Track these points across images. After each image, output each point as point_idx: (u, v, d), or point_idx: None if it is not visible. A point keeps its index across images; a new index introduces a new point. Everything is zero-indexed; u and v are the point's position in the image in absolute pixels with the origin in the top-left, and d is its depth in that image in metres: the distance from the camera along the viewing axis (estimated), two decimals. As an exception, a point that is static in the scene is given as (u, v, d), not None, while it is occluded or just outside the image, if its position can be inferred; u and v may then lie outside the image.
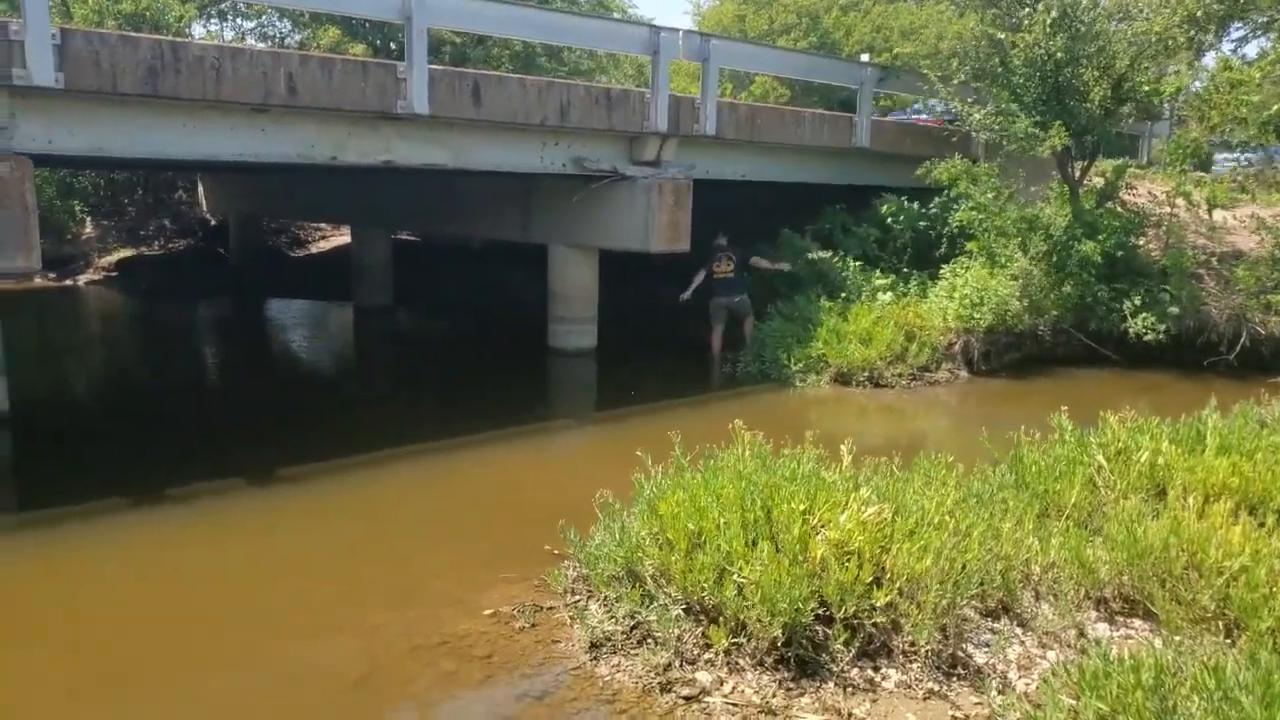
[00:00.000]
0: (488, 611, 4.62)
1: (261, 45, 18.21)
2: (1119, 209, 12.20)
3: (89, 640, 4.47)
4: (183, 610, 4.78)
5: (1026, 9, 11.27)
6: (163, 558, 5.45)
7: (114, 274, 17.97)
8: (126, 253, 18.78)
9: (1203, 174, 12.52)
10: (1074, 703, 3.37)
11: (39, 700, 3.97)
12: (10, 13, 12.93)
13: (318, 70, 7.53)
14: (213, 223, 19.57)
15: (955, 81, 12.17)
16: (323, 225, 20.45)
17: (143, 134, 7.25)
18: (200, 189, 19.02)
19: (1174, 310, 10.97)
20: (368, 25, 17.41)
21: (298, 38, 19.04)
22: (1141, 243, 12.19)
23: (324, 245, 20.22)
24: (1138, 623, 4.41)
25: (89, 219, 19.51)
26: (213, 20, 19.70)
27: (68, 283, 17.50)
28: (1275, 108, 11.54)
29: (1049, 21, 10.92)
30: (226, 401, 9.85)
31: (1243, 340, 11.00)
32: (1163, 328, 10.81)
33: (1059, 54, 11.04)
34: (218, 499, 6.30)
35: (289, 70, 7.35)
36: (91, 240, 19.16)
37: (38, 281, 16.75)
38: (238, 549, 5.62)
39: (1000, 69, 11.63)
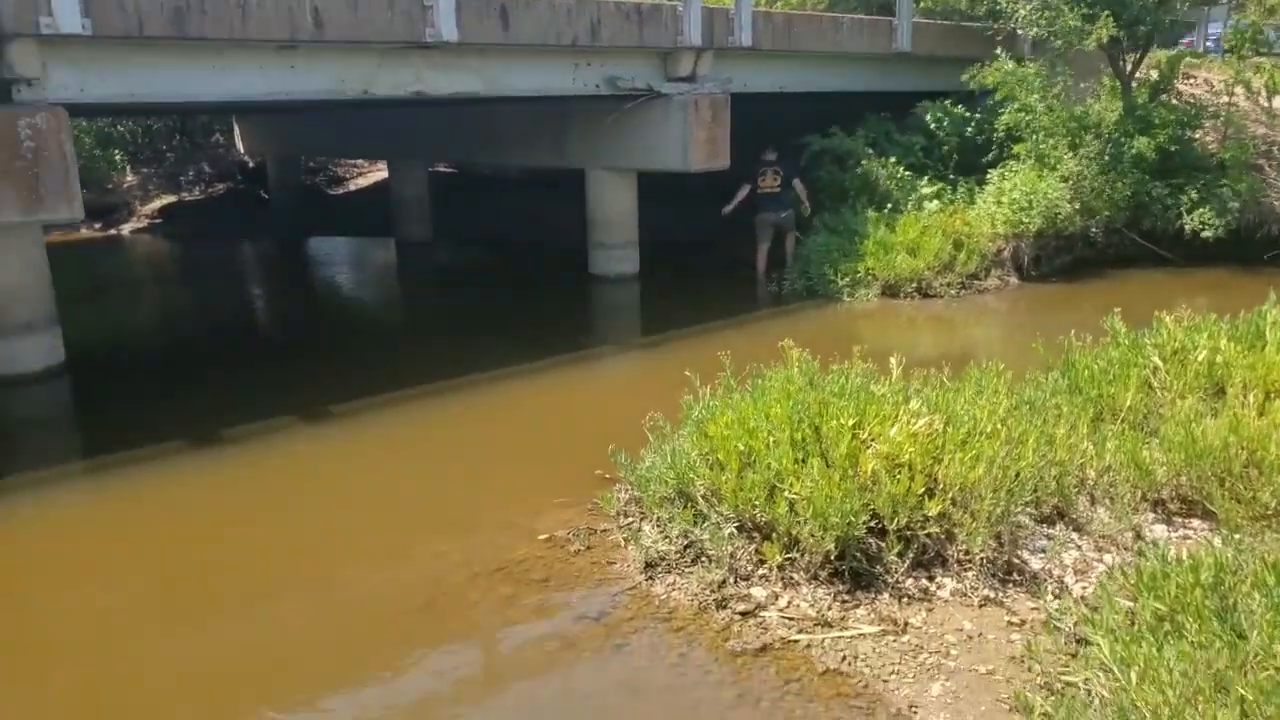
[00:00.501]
0: (543, 536, 4.71)
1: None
2: (1174, 102, 11.72)
3: (169, 573, 4.66)
4: (251, 543, 4.96)
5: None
6: (226, 496, 5.63)
7: (157, 221, 18.22)
8: (168, 199, 19.00)
9: (1262, 59, 11.91)
10: (1131, 604, 3.37)
11: (135, 626, 4.19)
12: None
13: (344, 2, 7.43)
14: (251, 165, 19.66)
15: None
16: (360, 162, 20.43)
17: (173, 78, 7.26)
18: (236, 131, 19.06)
19: (1233, 204, 10.60)
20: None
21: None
22: (1198, 136, 11.73)
23: (362, 182, 20.24)
24: (1196, 523, 4.37)
25: (129, 167, 19.72)
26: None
27: (112, 232, 17.78)
28: None
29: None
30: (275, 342, 10.03)
31: (1306, 232, 10.64)
32: (1221, 222, 10.48)
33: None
34: (275, 438, 6.46)
35: (315, 4, 7.26)
36: (133, 188, 19.40)
37: (83, 232, 17.06)
38: (297, 484, 5.79)
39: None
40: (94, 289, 12.63)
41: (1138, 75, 11.91)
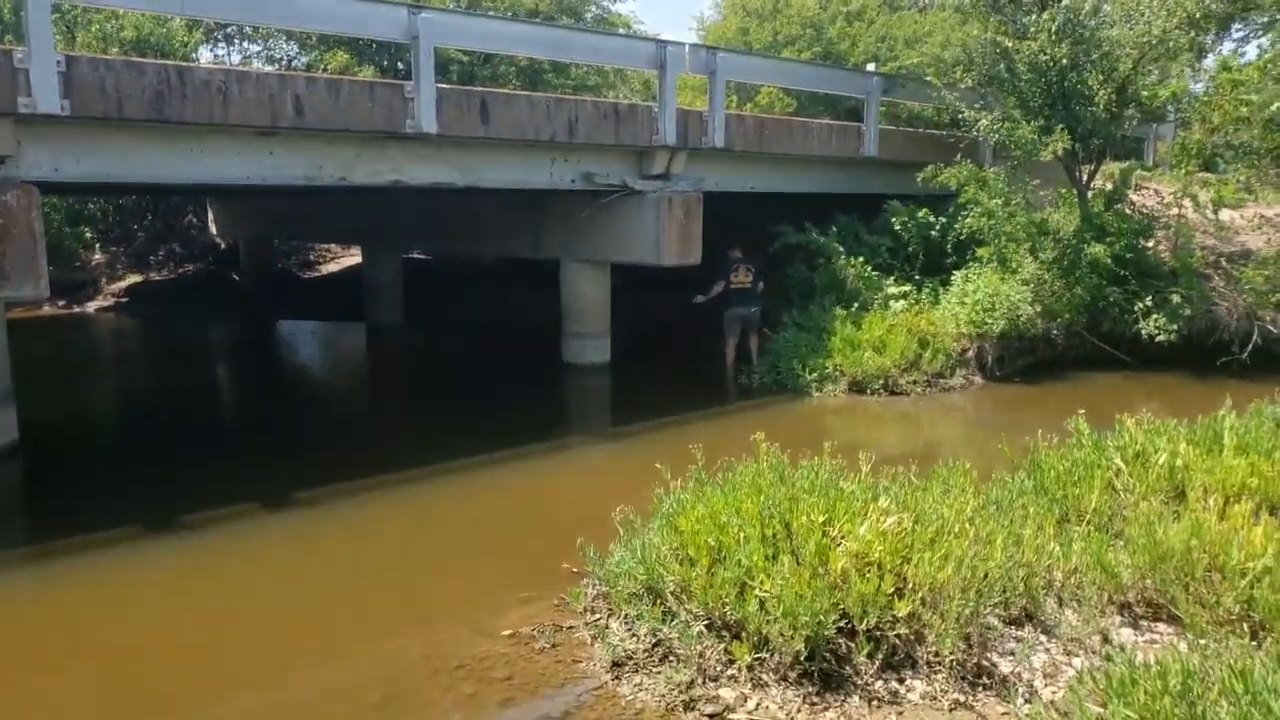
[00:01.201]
0: (507, 632, 4.61)
1: (269, 68, 18.36)
2: (1127, 211, 12.18)
3: (111, 667, 4.48)
4: (202, 635, 4.79)
5: (1031, 15, 11.28)
6: (180, 584, 5.46)
7: (124, 299, 18.10)
8: (136, 278, 18.90)
9: (1208, 174, 12.48)
10: (1101, 710, 3.34)
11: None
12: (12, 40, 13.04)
13: (325, 91, 7.58)
14: (222, 246, 19.69)
15: (962, 86, 12.19)
16: (332, 246, 20.55)
17: (150, 159, 7.30)
18: (210, 213, 19.15)
19: (1185, 311, 10.94)
20: (375, 47, 17.52)
21: (304, 60, 19.18)
22: (1151, 244, 12.17)
23: (334, 266, 20.32)
24: (1162, 627, 4.38)
25: (98, 245, 19.67)
26: (220, 44, 19.86)
27: (77, 309, 17.62)
28: (1276, 105, 11.54)
29: (1054, 30, 10.94)
30: (239, 425, 9.88)
31: (1254, 339, 10.96)
32: (1174, 328, 10.78)
33: (1063, 60, 11.06)
34: (234, 524, 6.31)
35: (296, 92, 7.40)
36: (101, 266, 19.31)
37: (47, 309, 16.88)
38: (255, 573, 5.63)
39: (1007, 74, 11.64)
40: (54, 367, 12.43)
41: (1093, 185, 12.39)
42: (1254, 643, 3.91)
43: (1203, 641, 3.90)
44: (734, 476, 4.80)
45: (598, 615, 4.63)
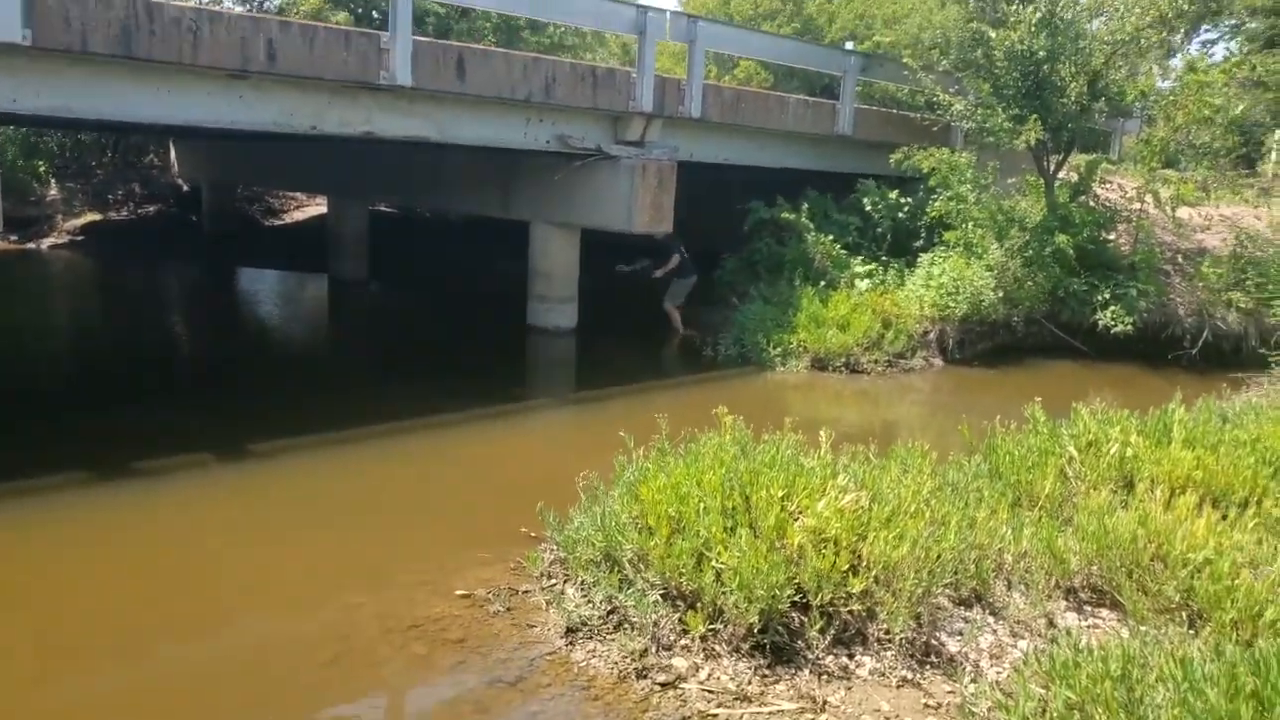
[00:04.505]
0: (461, 593, 4.58)
1: (240, 9, 17.82)
2: (1092, 203, 12.31)
3: (59, 611, 4.39)
4: (154, 584, 4.71)
5: (1013, 4, 11.27)
6: (132, 532, 5.35)
7: (79, 238, 17.58)
8: (93, 217, 18.37)
9: (1169, 171, 12.65)
10: (1044, 692, 3.40)
11: (9, 667, 3.90)
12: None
13: (299, 37, 7.37)
14: (184, 188, 19.21)
15: (938, 70, 12.18)
16: (298, 194, 20.14)
17: (114, 96, 7.05)
18: (172, 153, 18.65)
19: (1142, 304, 11.12)
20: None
21: (276, 2, 18.65)
22: (1112, 237, 12.33)
23: (299, 215, 19.93)
24: (1105, 612, 4.46)
25: (54, 181, 19.05)
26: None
27: (29, 246, 17.09)
28: (1239, 108, 11.69)
29: (1035, 21, 10.95)
30: (195, 375, 9.69)
31: (1205, 335, 11.20)
32: (1130, 320, 10.94)
33: (1041, 51, 11.08)
34: (187, 474, 6.20)
35: (269, 36, 7.19)
36: (56, 203, 18.71)
37: (-1, 244, 16.40)
38: (208, 525, 5.53)
39: (983, 60, 11.65)
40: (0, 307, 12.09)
41: (1059, 176, 12.49)
42: (1192, 631, 4.01)
43: (1144, 628, 3.99)
44: (697, 447, 4.79)
45: (554, 580, 4.62)
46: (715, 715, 3.62)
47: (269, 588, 4.75)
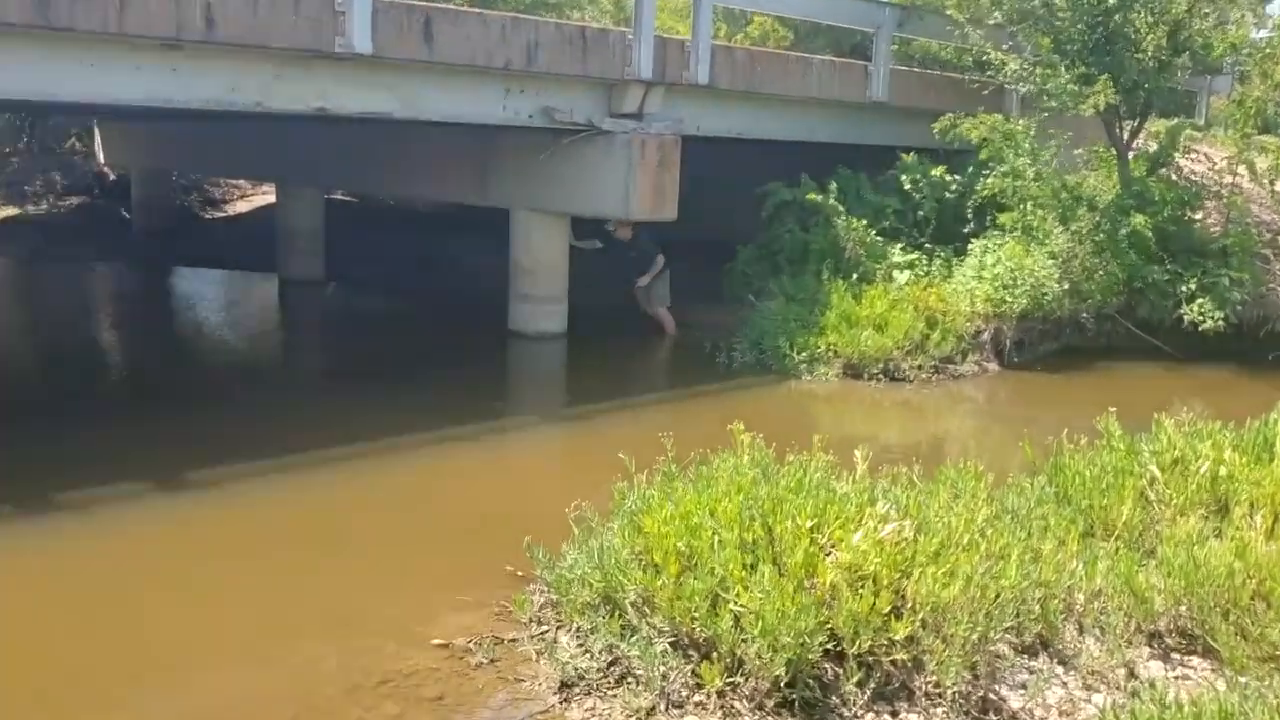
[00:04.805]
0: (439, 643, 4.59)
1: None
2: (1174, 177, 12.29)
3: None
4: (78, 638, 4.71)
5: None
6: (55, 576, 5.36)
7: (-9, 236, 17.71)
8: (7, 211, 18.51)
9: (1267, 138, 12.61)
10: (1124, 755, 3.40)
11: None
12: None
13: (241, 0, 7.42)
14: (111, 177, 19.36)
15: (989, 23, 12.19)
16: (242, 182, 20.25)
17: (30, 72, 7.10)
18: (97, 137, 18.75)
19: (1235, 296, 11.08)
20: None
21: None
22: (1199, 217, 12.29)
23: (243, 206, 20.05)
24: (1196, 661, 4.45)
25: (-39, 171, 19.20)
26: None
27: (-67, 244, 17.20)
28: None
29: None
30: (128, 393, 9.73)
31: (1314, 332, 11.17)
32: (1222, 315, 10.90)
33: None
34: (119, 507, 6.22)
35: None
36: (-36, 196, 18.87)
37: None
38: (144, 566, 5.54)
39: (1042, 9, 11.64)
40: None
41: (1135, 145, 12.48)
42: (1299, 682, 4.00)
43: (1243, 679, 3.97)
44: (709, 471, 4.80)
45: (545, 627, 4.62)
46: (736, 785, 3.61)
47: (215, 639, 4.75)
